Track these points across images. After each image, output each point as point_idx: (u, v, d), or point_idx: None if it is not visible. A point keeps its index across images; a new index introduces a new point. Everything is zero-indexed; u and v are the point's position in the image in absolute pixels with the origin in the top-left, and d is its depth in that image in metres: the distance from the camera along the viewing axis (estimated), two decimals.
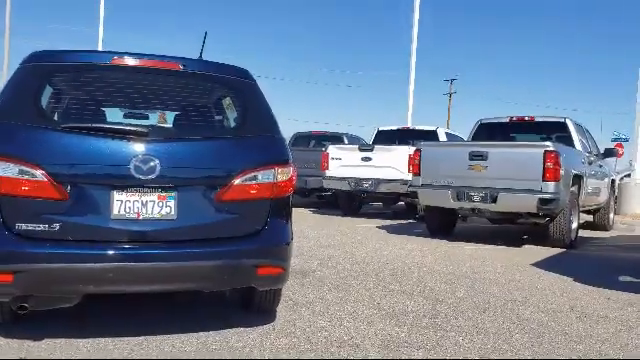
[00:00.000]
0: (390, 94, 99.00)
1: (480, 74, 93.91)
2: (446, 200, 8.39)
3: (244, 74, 3.77)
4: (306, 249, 7.09)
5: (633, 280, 6.07)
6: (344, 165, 11.79)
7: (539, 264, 6.74)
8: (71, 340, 3.29)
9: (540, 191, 7.66)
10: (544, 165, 7.66)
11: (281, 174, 3.50)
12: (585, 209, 10.02)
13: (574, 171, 8.41)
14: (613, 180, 11.95)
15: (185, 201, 3.25)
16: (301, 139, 15.73)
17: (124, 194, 3.14)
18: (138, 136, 3.20)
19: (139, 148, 3.16)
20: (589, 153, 9.85)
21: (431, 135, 12.27)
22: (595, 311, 4.56)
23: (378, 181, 11.33)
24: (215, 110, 4.03)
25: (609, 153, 11.11)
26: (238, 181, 3.36)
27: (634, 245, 9.53)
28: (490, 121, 10.38)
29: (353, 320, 4.00)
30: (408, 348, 3.46)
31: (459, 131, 14.35)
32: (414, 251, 7.46)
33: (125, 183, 3.13)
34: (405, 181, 10.66)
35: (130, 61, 3.48)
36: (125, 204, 3.14)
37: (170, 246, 3.22)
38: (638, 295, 5.19)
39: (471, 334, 3.79)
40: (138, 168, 3.13)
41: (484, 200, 8.05)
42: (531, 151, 7.87)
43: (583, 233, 9.84)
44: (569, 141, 9.27)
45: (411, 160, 9.85)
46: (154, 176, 3.15)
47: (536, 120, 9.93)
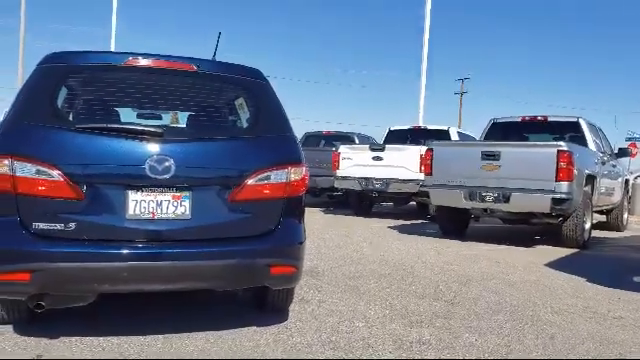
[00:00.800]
0: (402, 94, 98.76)
1: (492, 73, 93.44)
2: (458, 200, 8.36)
3: (257, 74, 3.78)
4: (317, 249, 7.10)
5: None
6: (355, 165, 11.77)
7: (552, 264, 6.70)
8: (86, 338, 3.32)
9: (553, 191, 7.61)
10: (557, 165, 7.61)
11: (294, 174, 3.52)
12: (598, 209, 9.94)
13: (587, 171, 8.35)
14: (627, 180, 11.84)
15: (199, 201, 3.27)
16: (312, 139, 15.74)
17: (139, 194, 3.17)
18: (153, 136, 3.23)
19: (154, 148, 3.19)
20: (602, 153, 9.78)
21: (443, 135, 12.22)
22: (609, 312, 4.53)
23: (389, 181, 11.31)
24: (228, 110, 4.05)
25: (623, 153, 11.02)
26: (251, 181, 3.38)
27: None
28: (503, 121, 10.33)
29: (366, 320, 4.01)
30: (421, 348, 3.46)
31: (471, 131, 14.30)
32: (426, 251, 7.44)
33: (140, 183, 3.16)
34: (417, 181, 10.64)
35: (144, 62, 3.51)
36: (140, 204, 3.16)
37: (184, 245, 3.24)
38: None
39: (485, 335, 3.78)
40: (153, 168, 3.15)
41: (497, 200, 8.02)
42: (544, 151, 7.82)
43: (596, 233, 9.76)
44: (582, 141, 9.21)
45: (423, 160, 9.84)
46: (169, 176, 3.18)
47: (549, 120, 9.87)
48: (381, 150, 11.60)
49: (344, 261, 6.38)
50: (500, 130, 10.19)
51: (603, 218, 11.40)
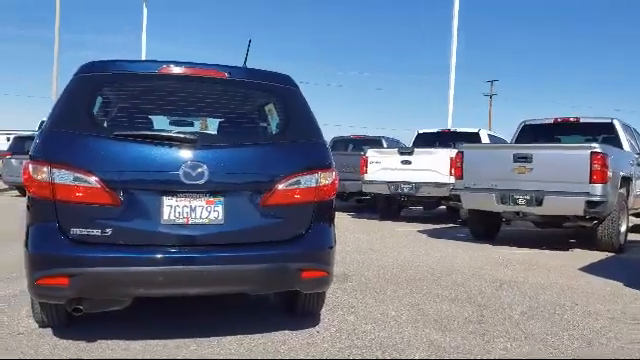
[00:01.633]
0: (429, 97, 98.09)
1: (521, 75, 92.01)
2: (490, 203, 8.26)
3: (287, 81, 3.82)
4: (346, 253, 7.09)
5: None
6: (383, 169, 11.73)
7: (587, 268, 6.57)
8: (122, 341, 3.39)
9: (587, 194, 7.47)
10: (591, 167, 7.46)
11: (323, 178, 3.54)
12: (634, 212, 9.71)
13: (622, 173, 8.17)
14: None
15: (232, 206, 3.31)
16: (340, 143, 15.75)
17: (174, 199, 3.22)
18: (187, 143, 3.28)
19: (188, 155, 3.24)
20: (638, 154, 9.55)
21: (473, 137, 12.08)
22: None
23: (418, 184, 11.23)
24: (259, 116, 4.09)
25: None
26: (282, 186, 3.41)
27: None
28: (534, 122, 10.18)
29: (397, 325, 3.99)
30: (454, 354, 3.43)
31: (500, 133, 14.11)
32: (457, 255, 7.37)
33: (175, 189, 3.22)
34: (447, 184, 10.54)
35: (177, 70, 3.57)
36: (175, 209, 3.22)
37: (218, 250, 3.28)
38: None
39: (519, 340, 3.72)
40: (187, 174, 3.21)
41: (529, 203, 7.90)
42: (577, 153, 7.68)
43: (633, 237, 9.52)
44: (616, 142, 9.00)
45: (453, 163, 9.74)
46: (202, 182, 3.22)
47: (581, 121, 9.68)
48: (410, 154, 11.53)
49: (374, 266, 6.36)
50: (531, 132, 10.04)
51: (639, 221, 11.13)
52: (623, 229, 8.21)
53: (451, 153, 10.45)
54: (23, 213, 3.31)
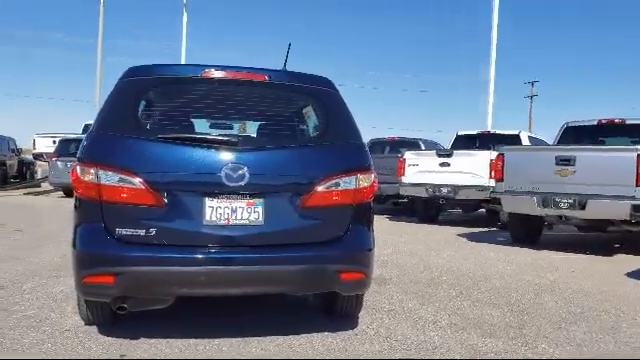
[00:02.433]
0: (467, 99, 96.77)
1: (562, 75, 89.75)
2: (531, 207, 8.09)
3: (327, 83, 3.84)
4: (384, 256, 7.06)
5: None
6: (421, 171, 11.63)
7: (633, 274, 6.37)
8: (164, 340, 3.46)
9: (633, 197, 7.23)
10: (637, 170, 7.23)
11: (362, 180, 3.54)
12: None
13: None
14: None
15: (271, 207, 3.35)
16: (376, 145, 15.67)
17: (215, 200, 3.28)
18: (229, 145, 3.34)
19: (229, 157, 3.30)
20: None
21: (513, 139, 11.86)
22: None
23: (457, 187, 11.08)
24: (298, 119, 4.12)
25: None
26: (321, 188, 3.43)
27: None
28: (577, 124, 9.94)
29: (437, 329, 3.95)
30: (496, 359, 3.38)
31: (541, 135, 13.81)
32: (497, 260, 7.25)
33: (217, 190, 3.27)
34: (486, 187, 10.38)
35: (219, 74, 3.63)
36: (216, 210, 3.27)
37: (258, 250, 3.33)
38: None
39: (561, 345, 3.64)
40: (229, 176, 3.26)
41: (572, 207, 7.70)
42: (623, 155, 7.46)
43: None
44: None
45: (493, 165, 9.57)
46: (243, 183, 3.27)
47: (627, 122, 9.40)
48: (449, 156, 11.40)
49: (412, 269, 6.32)
50: (574, 134, 9.80)
51: None
52: None
53: (491, 155, 10.29)
54: (69, 214, 3.42)
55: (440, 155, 11.55)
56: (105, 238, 3.21)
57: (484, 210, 12.31)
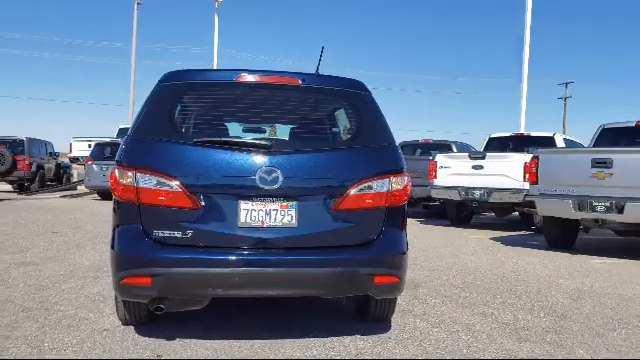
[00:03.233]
0: (499, 101, 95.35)
1: (596, 77, 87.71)
2: (567, 210, 7.94)
3: (359, 86, 3.84)
4: (417, 260, 7.02)
5: None
6: (453, 174, 11.51)
7: None
8: (199, 340, 3.51)
9: None
10: None
11: (396, 183, 3.53)
12: None
13: None
14: None
15: (305, 210, 3.37)
16: (408, 148, 15.58)
17: (250, 203, 3.31)
18: (263, 149, 3.37)
19: (263, 160, 3.33)
20: None
21: (548, 141, 11.65)
22: None
23: (490, 190, 10.92)
24: (331, 121, 4.13)
25: None
26: (354, 191, 3.43)
27: None
28: (614, 126, 9.72)
29: (471, 333, 3.91)
30: None
31: (575, 137, 13.52)
32: (532, 264, 7.13)
33: (251, 193, 3.31)
34: (520, 190, 10.22)
35: (253, 78, 3.67)
36: (251, 212, 3.31)
37: (291, 253, 3.35)
38: None
39: (601, 352, 3.56)
40: (263, 179, 3.29)
41: (609, 210, 7.53)
42: None
43: None
44: None
45: (527, 168, 9.43)
46: (277, 186, 3.30)
47: None
48: (482, 158, 11.25)
49: (445, 272, 6.26)
50: (611, 136, 9.60)
51: None
52: None
53: (526, 158, 10.13)
54: (104, 216, 3.50)
55: (473, 158, 11.41)
56: (143, 240, 3.27)
57: (517, 214, 12.14)
